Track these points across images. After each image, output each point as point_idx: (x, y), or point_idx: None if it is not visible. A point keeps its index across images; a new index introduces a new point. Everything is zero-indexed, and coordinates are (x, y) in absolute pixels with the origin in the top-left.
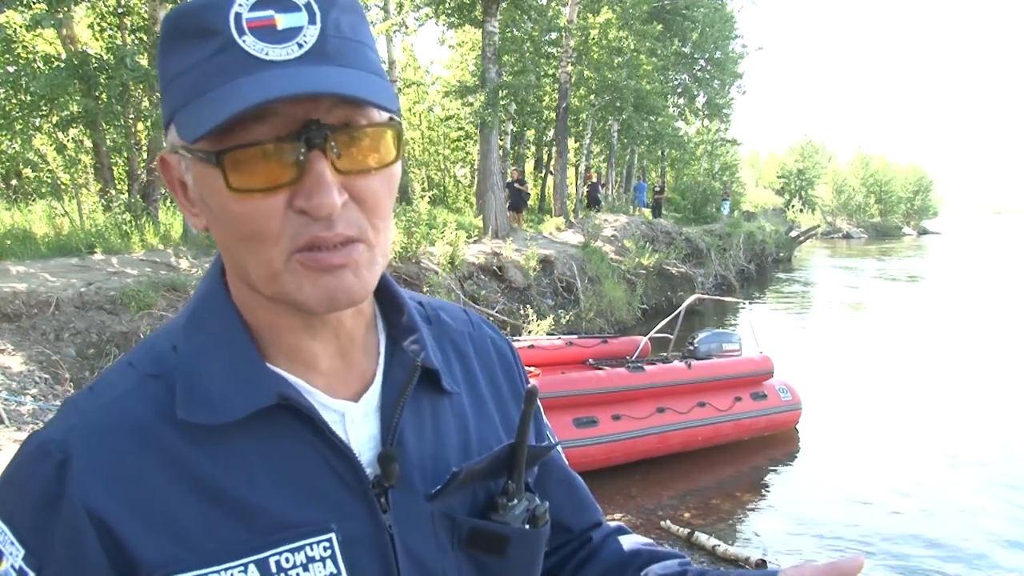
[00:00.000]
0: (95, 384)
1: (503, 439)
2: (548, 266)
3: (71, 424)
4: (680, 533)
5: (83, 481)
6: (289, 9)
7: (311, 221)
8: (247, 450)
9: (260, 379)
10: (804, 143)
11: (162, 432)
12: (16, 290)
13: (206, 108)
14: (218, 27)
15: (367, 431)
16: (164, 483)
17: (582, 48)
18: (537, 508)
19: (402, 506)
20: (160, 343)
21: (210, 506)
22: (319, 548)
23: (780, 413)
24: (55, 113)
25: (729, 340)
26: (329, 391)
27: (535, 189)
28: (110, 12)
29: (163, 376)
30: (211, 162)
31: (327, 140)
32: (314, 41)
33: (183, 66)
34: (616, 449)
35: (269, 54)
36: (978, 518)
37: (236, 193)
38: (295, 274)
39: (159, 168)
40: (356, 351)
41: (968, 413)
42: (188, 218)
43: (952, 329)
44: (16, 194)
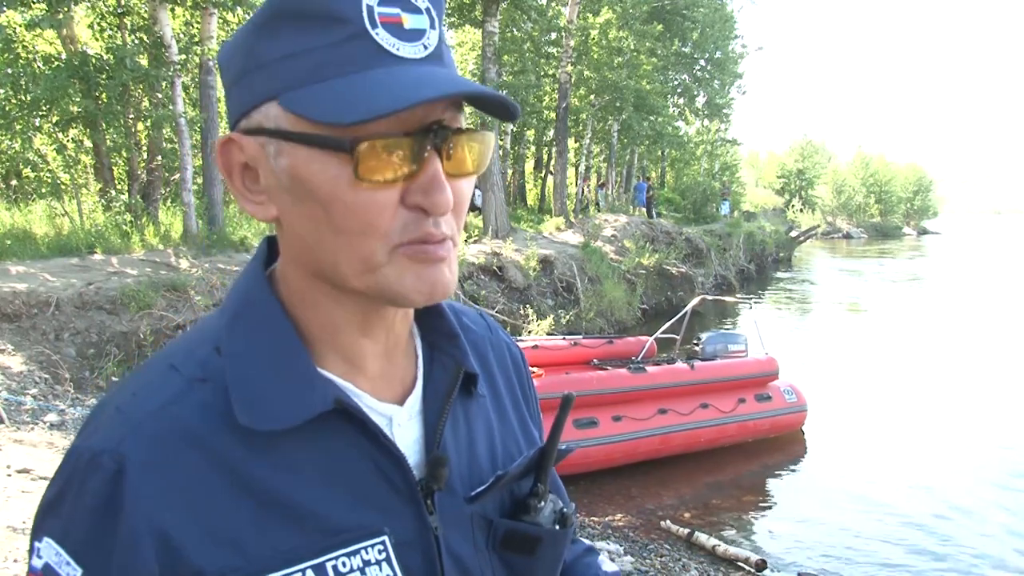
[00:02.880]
0: (136, 388)
1: (521, 443)
2: (548, 266)
3: (121, 433)
4: (680, 533)
5: (140, 492)
6: (413, 11)
7: (422, 217)
8: (300, 455)
9: (314, 383)
10: (804, 143)
11: (214, 438)
12: (16, 290)
13: (350, 93)
14: (348, 15)
15: (411, 434)
16: (219, 491)
17: (582, 48)
18: (565, 508)
19: (446, 509)
20: (201, 345)
21: (265, 512)
22: (374, 551)
23: (785, 415)
24: (55, 113)
25: (735, 341)
26: (375, 394)
27: (535, 189)
28: (110, 12)
29: (210, 380)
30: (337, 148)
31: (446, 141)
32: (435, 45)
33: (299, 48)
34: (616, 450)
35: (400, 50)
36: (982, 521)
37: (361, 183)
38: (398, 267)
39: (219, 150)
40: (399, 354)
41: (973, 415)
42: (246, 207)
43: (954, 330)
44: (16, 194)
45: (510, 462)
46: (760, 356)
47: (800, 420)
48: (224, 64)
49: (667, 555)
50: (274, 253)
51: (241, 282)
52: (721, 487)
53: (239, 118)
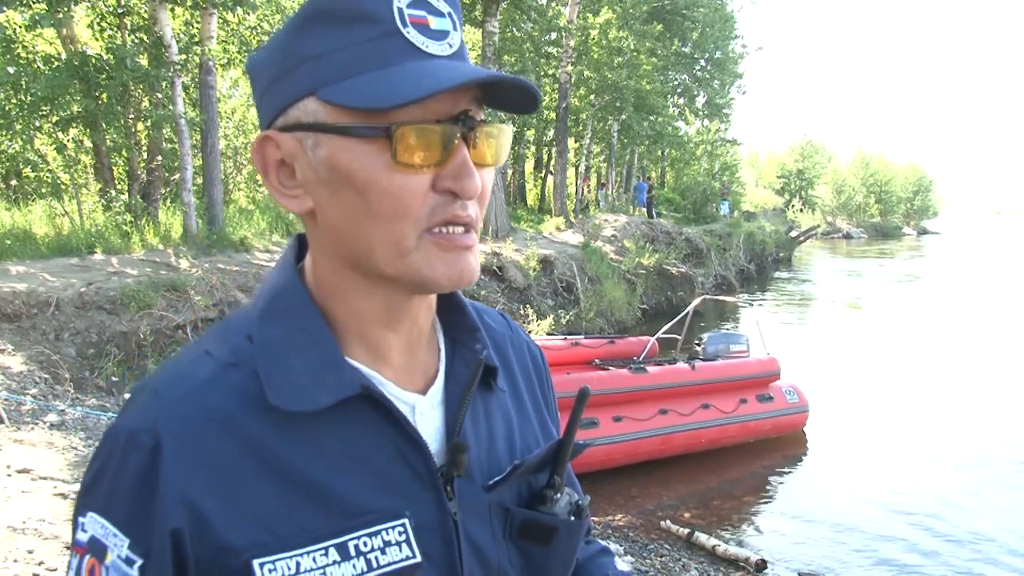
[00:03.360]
0: (172, 372)
1: (540, 438)
2: (548, 266)
3: (156, 412)
4: (680, 533)
5: (175, 467)
6: (437, 14)
7: (450, 201)
8: (326, 438)
9: (342, 369)
10: (804, 143)
11: (245, 420)
12: (16, 290)
13: (388, 82)
14: (381, 16)
15: (433, 424)
16: (248, 469)
17: (582, 48)
18: (580, 500)
19: (465, 495)
20: (234, 333)
21: (292, 491)
22: (394, 533)
23: (786, 416)
24: (55, 113)
25: (737, 341)
26: (399, 383)
27: (535, 189)
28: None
29: (242, 365)
30: (375, 135)
31: (473, 130)
32: (458, 45)
33: (335, 45)
34: (617, 451)
35: (429, 47)
36: (983, 521)
37: (398, 166)
38: (426, 253)
39: (255, 147)
40: (421, 347)
41: (974, 415)
42: (282, 201)
43: (955, 330)
44: (16, 194)
45: (527, 454)
46: (762, 356)
47: (802, 421)
48: (258, 67)
49: (667, 555)
50: (303, 250)
51: (273, 276)
52: (721, 487)
53: (275, 117)
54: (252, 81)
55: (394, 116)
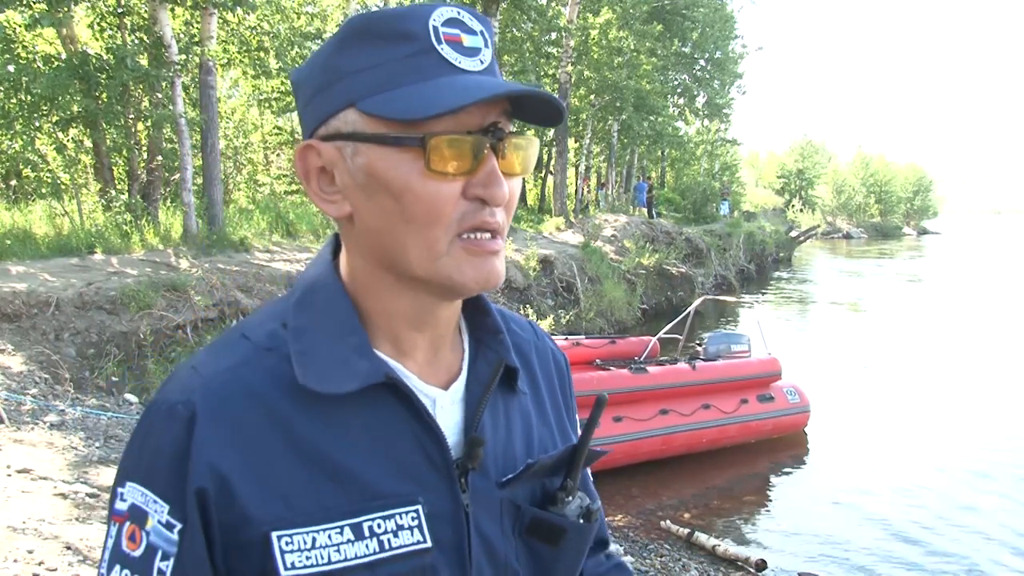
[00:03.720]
0: (211, 352)
1: (558, 443)
2: (548, 266)
3: (193, 387)
4: (680, 533)
5: (206, 437)
6: (471, 32)
7: (480, 208)
8: (351, 422)
9: (369, 357)
10: (804, 143)
11: (276, 399)
12: (16, 290)
13: (423, 95)
14: (418, 34)
15: (452, 418)
16: (276, 446)
17: (582, 48)
18: (591, 505)
19: (479, 488)
20: (270, 321)
21: (314, 470)
22: (407, 518)
23: (788, 416)
24: (55, 113)
25: (738, 342)
26: (422, 378)
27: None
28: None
29: (276, 350)
30: (410, 144)
31: (502, 141)
32: (489, 61)
33: (374, 61)
34: (617, 451)
35: (462, 63)
36: (984, 521)
37: (432, 174)
38: (456, 257)
39: (298, 155)
40: (445, 347)
41: (975, 416)
42: (322, 206)
43: (956, 330)
44: (16, 194)
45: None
46: (763, 356)
47: (803, 421)
48: (302, 81)
49: (667, 555)
50: (339, 249)
51: (310, 269)
52: (722, 487)
53: (316, 127)
54: (296, 94)
55: (428, 127)
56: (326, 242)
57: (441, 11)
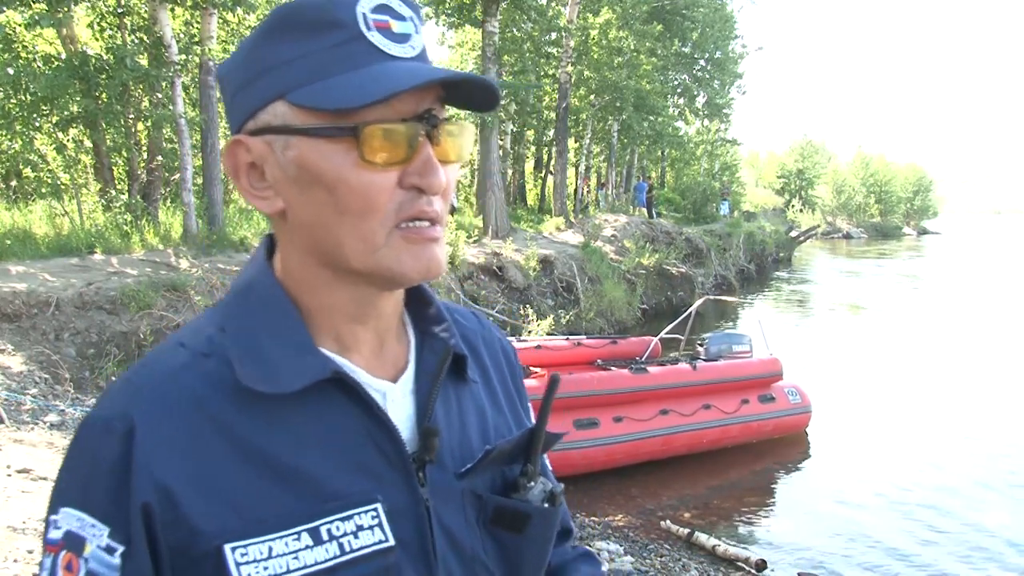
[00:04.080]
0: (144, 363)
1: (514, 430)
2: (548, 266)
3: (128, 398)
4: (680, 533)
5: (147, 450)
6: (400, 18)
7: (417, 197)
8: (299, 422)
9: (314, 355)
10: (804, 143)
11: (219, 404)
12: (16, 290)
13: (354, 84)
14: (346, 21)
15: (404, 411)
16: (221, 453)
17: (582, 48)
18: (554, 488)
19: (437, 481)
20: (207, 326)
21: (264, 476)
22: (367, 517)
23: (789, 416)
24: (55, 113)
25: (740, 342)
26: (370, 372)
27: (535, 189)
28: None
29: (215, 354)
30: (342, 135)
31: (436, 128)
32: (420, 47)
33: (302, 51)
34: (618, 451)
35: (392, 50)
36: (985, 523)
37: (366, 164)
38: (395, 248)
39: (226, 151)
40: (391, 339)
41: (977, 417)
42: (254, 202)
43: (957, 330)
44: (16, 194)
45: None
46: (764, 357)
47: (804, 421)
48: (227, 75)
49: (667, 555)
50: (273, 249)
51: (245, 271)
52: (722, 488)
53: (244, 121)
54: (222, 89)
55: (360, 116)
56: (260, 243)
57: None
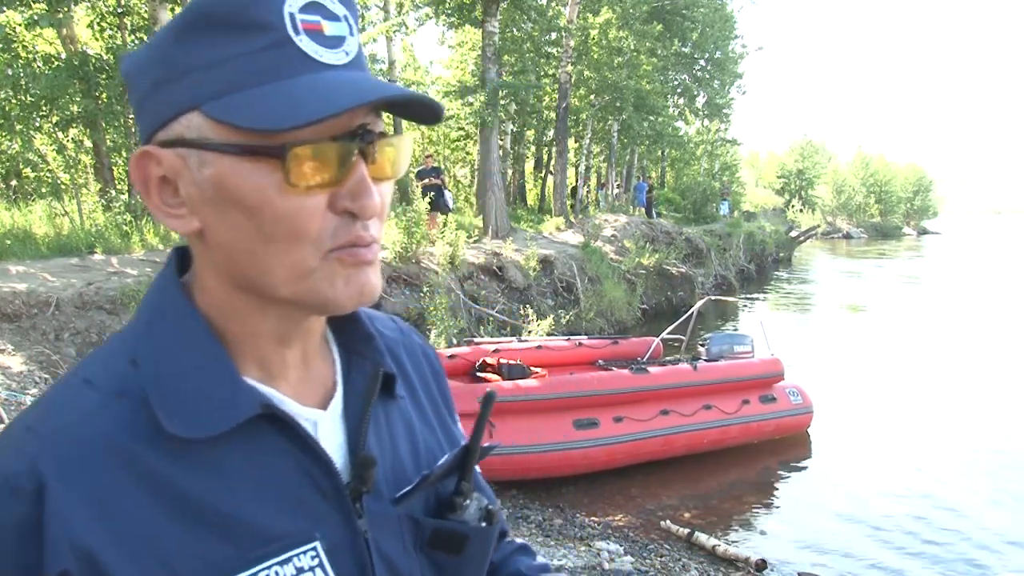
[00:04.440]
0: (47, 406)
1: (443, 442)
2: (548, 266)
3: (35, 451)
4: (680, 533)
5: (63, 509)
6: (333, 18)
7: (350, 222)
8: (226, 463)
9: (240, 389)
10: (804, 143)
11: (136, 451)
12: (16, 290)
13: (282, 99)
14: (271, 23)
15: (336, 439)
16: (144, 505)
17: (582, 48)
18: (491, 506)
19: (375, 511)
20: (116, 358)
21: (193, 525)
22: (307, 558)
23: (790, 417)
24: (55, 113)
25: (741, 342)
26: (298, 400)
27: (535, 189)
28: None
29: (128, 394)
30: (266, 155)
31: (372, 145)
32: (355, 52)
33: (222, 55)
34: (618, 451)
35: (324, 56)
36: (986, 525)
37: (292, 189)
38: (328, 272)
39: (134, 164)
40: (317, 361)
41: (979, 418)
42: (165, 220)
43: (958, 331)
44: (16, 194)
45: (433, 462)
46: (765, 357)
47: (806, 422)
48: (134, 75)
49: (667, 555)
50: (185, 264)
51: (154, 294)
52: (722, 488)
53: (155, 130)
54: (128, 88)
55: (287, 136)
56: (168, 258)
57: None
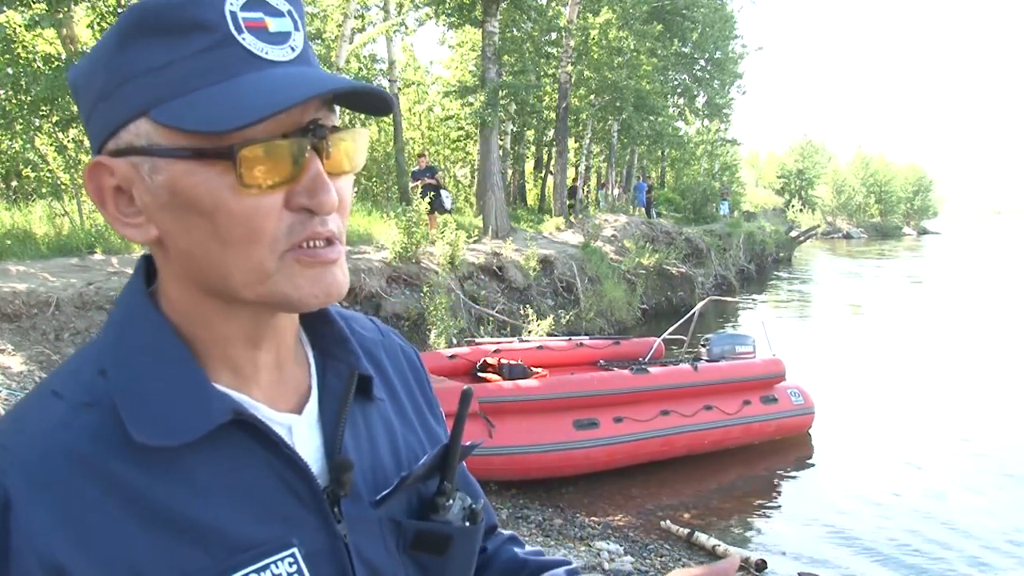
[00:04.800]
0: (15, 418)
1: (425, 443)
2: (548, 266)
3: (1, 465)
4: (680, 533)
5: (30, 524)
6: (276, 14)
7: (307, 219)
8: (199, 471)
9: (210, 396)
10: (804, 143)
11: (106, 462)
12: (16, 290)
13: (227, 99)
14: (213, 23)
15: (312, 443)
16: (115, 517)
17: (582, 48)
18: (474, 505)
19: (353, 515)
20: (85, 369)
21: (167, 535)
22: (284, 564)
23: (791, 417)
24: (55, 113)
25: (743, 343)
26: (271, 405)
27: (535, 189)
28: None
29: (97, 404)
30: (217, 157)
31: (325, 139)
32: (301, 47)
33: (165, 59)
34: (618, 451)
35: (269, 53)
36: (987, 527)
37: (245, 190)
38: (289, 272)
39: (87, 175)
40: (290, 364)
41: (981, 420)
42: (123, 230)
43: (960, 331)
44: (16, 194)
45: (414, 463)
46: (766, 357)
47: (807, 423)
48: (81, 85)
49: (667, 555)
50: (153, 271)
51: (122, 304)
52: (722, 488)
53: (105, 140)
54: (76, 99)
55: (236, 135)
56: (136, 267)
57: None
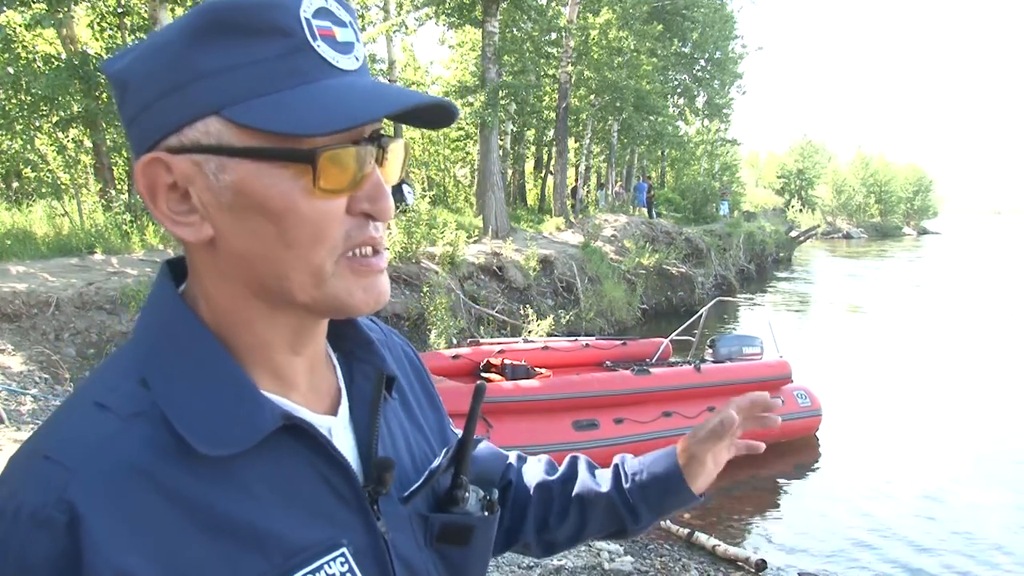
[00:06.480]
0: (61, 433)
1: (432, 440)
2: (548, 266)
3: (61, 480)
4: (680, 533)
5: (99, 538)
6: (341, 24)
7: (364, 224)
8: (251, 476)
9: (260, 403)
10: (804, 143)
11: (163, 472)
12: (16, 290)
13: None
14: (290, 28)
15: (347, 443)
16: (177, 525)
17: (582, 48)
18: (489, 495)
19: (389, 512)
20: (124, 380)
21: (227, 541)
22: (337, 564)
23: (798, 419)
24: (55, 113)
25: (751, 344)
26: (310, 408)
27: (535, 189)
28: (110, 12)
29: (144, 414)
30: (295, 160)
31: (384, 150)
32: (364, 58)
33: (242, 60)
34: (618, 452)
35: (340, 62)
36: (988, 528)
37: (320, 193)
38: (343, 278)
39: (141, 170)
40: (320, 366)
41: (990, 421)
42: (174, 229)
43: (965, 332)
44: (16, 194)
45: (425, 460)
46: (773, 359)
47: (814, 425)
48: (135, 80)
49: (667, 555)
50: (179, 276)
51: (154, 309)
52: (722, 488)
53: (162, 137)
54: (122, 93)
55: (317, 140)
56: (160, 272)
57: (310, 0)
